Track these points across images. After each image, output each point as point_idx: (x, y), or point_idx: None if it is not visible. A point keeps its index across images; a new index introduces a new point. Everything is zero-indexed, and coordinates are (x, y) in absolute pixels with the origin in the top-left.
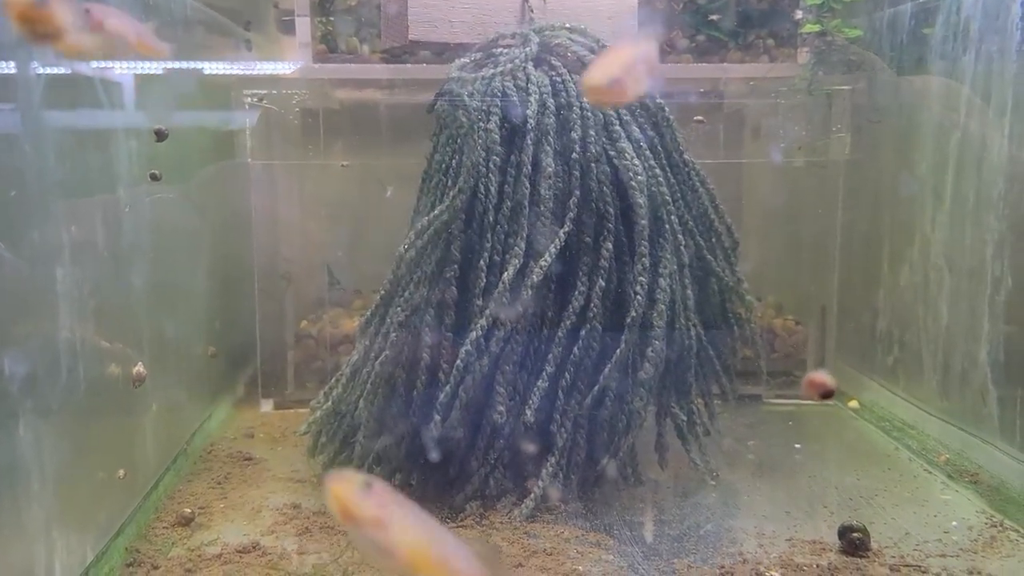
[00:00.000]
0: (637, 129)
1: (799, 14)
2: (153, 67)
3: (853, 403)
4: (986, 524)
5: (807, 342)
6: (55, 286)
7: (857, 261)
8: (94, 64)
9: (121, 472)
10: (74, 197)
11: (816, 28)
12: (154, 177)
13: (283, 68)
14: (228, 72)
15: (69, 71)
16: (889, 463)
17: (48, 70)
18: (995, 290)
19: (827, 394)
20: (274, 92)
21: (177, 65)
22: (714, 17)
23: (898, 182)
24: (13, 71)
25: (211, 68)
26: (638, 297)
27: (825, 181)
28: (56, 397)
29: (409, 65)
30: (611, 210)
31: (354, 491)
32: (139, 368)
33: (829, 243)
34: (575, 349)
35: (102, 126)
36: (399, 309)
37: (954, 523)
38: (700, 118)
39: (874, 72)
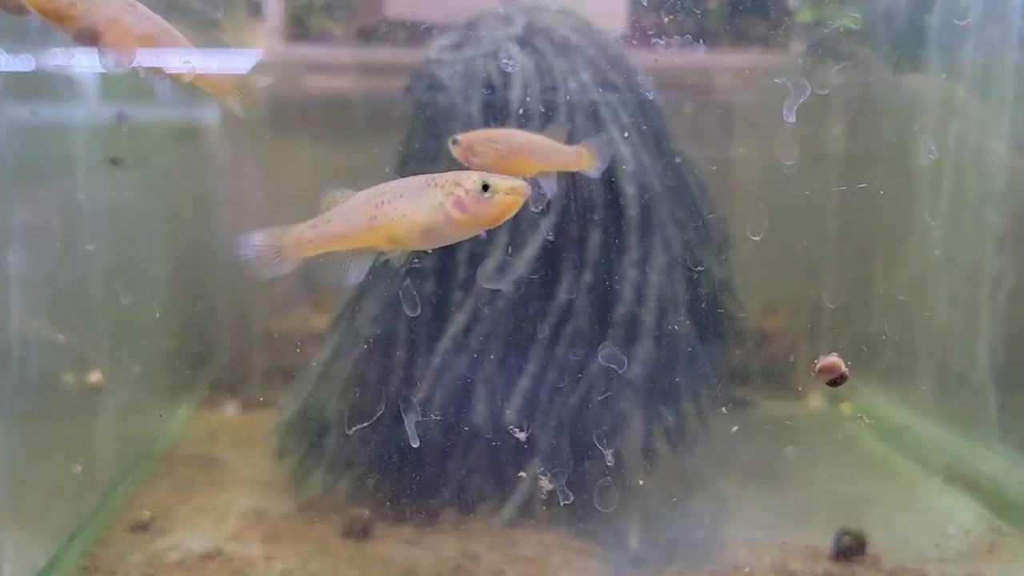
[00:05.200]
0: (626, 116)
1: (793, 2)
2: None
3: (846, 406)
4: (985, 529)
5: (798, 343)
6: (7, 269)
7: (850, 259)
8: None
9: (78, 468)
10: (28, 184)
11: (811, 17)
12: (115, 162)
13: (251, 53)
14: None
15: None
16: (884, 467)
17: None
18: (994, 289)
19: (838, 380)
20: (244, 76)
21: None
22: (709, 4)
23: (896, 174)
24: None
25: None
26: (626, 293)
27: (817, 176)
28: (6, 391)
29: (386, 48)
30: (598, 200)
31: None
32: (96, 376)
33: (822, 240)
34: (559, 347)
35: (61, 111)
36: (372, 304)
37: (952, 528)
38: (690, 108)
39: (869, 63)
